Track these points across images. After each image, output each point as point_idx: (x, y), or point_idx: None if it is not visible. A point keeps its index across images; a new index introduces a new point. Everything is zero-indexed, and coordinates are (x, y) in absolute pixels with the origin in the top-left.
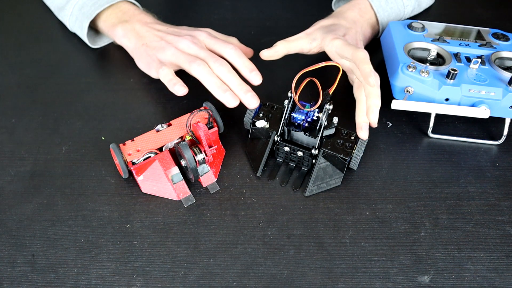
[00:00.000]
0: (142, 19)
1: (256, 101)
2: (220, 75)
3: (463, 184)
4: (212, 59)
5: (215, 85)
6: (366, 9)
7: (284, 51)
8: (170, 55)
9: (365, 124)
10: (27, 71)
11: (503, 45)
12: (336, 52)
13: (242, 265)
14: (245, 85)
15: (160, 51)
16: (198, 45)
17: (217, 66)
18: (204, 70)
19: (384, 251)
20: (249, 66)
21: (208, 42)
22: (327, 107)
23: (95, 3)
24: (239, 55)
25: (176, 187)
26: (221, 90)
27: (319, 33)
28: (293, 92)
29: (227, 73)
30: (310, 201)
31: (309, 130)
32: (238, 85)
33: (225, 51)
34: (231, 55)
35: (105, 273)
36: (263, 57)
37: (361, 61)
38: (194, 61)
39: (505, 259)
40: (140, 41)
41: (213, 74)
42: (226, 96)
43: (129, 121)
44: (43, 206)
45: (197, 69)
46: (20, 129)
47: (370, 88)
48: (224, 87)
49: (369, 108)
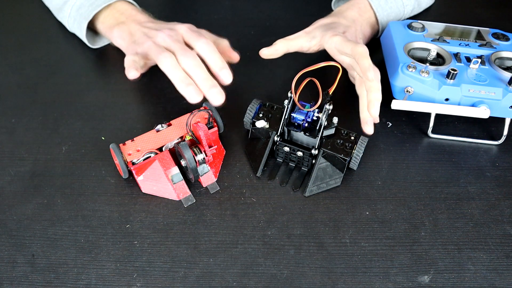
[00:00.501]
0: (138, 19)
1: (221, 98)
2: (186, 68)
3: (463, 184)
4: (180, 52)
5: (179, 78)
6: (366, 9)
7: (283, 49)
8: (146, 47)
9: (370, 118)
10: (27, 71)
11: (503, 45)
12: (336, 48)
13: (242, 265)
14: (211, 80)
15: (140, 45)
16: (173, 38)
17: (183, 58)
18: (169, 62)
19: (384, 251)
20: (220, 63)
21: (185, 36)
22: (327, 107)
23: (92, 4)
24: (211, 50)
25: (176, 187)
26: (183, 84)
27: (319, 31)
28: (293, 92)
29: (194, 66)
30: (310, 201)
31: (309, 130)
32: (203, 80)
33: (197, 44)
34: (202, 49)
35: (105, 273)
36: (263, 56)
37: (360, 56)
38: (161, 52)
39: (505, 259)
40: (131, 39)
41: (178, 66)
42: (189, 91)
43: (129, 121)
44: (43, 206)
45: (163, 61)
46: (20, 129)
47: (369, 82)
48: (187, 81)
49: (369, 102)
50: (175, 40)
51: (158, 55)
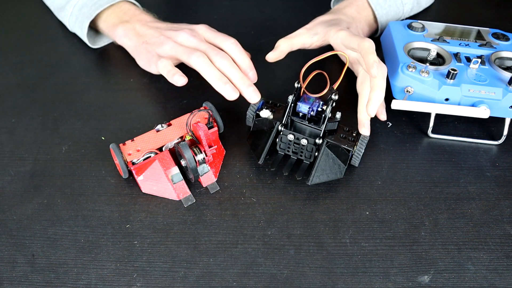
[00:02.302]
0: (143, 19)
1: (257, 96)
2: (222, 68)
3: (463, 184)
4: (214, 52)
5: (215, 76)
6: (364, 7)
7: (287, 49)
8: (169, 48)
9: (367, 121)
10: (27, 71)
11: (503, 45)
12: (342, 43)
13: (242, 265)
14: (247, 79)
15: (159, 45)
16: (197, 38)
17: (218, 58)
18: (204, 61)
19: (384, 251)
20: (249, 64)
21: (208, 36)
22: (333, 97)
23: (95, 3)
24: (240, 51)
25: (176, 187)
26: (221, 82)
27: (321, 27)
28: (301, 81)
29: (229, 66)
30: (310, 201)
31: (313, 122)
32: (240, 79)
33: (226, 44)
34: (232, 49)
35: (105, 273)
36: (269, 60)
37: (366, 52)
38: (193, 52)
39: (505, 259)
40: (140, 39)
41: (212, 65)
42: (227, 89)
43: (129, 121)
44: (43, 206)
45: (197, 60)
46: (20, 129)
47: (374, 80)
48: (224, 79)
49: (370, 99)
50: (201, 40)
51: (191, 54)
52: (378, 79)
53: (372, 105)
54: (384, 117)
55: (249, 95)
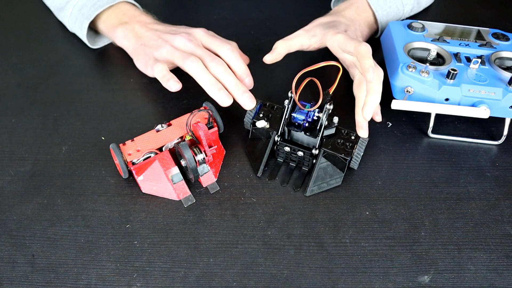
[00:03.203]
0: (142, 20)
1: (252, 102)
2: (216, 74)
3: (463, 184)
4: (209, 58)
5: (209, 82)
6: (364, 8)
7: (285, 50)
8: (166, 52)
9: (365, 123)
10: (27, 71)
11: (503, 45)
12: (339, 46)
13: (242, 265)
14: (242, 86)
15: (156, 49)
16: (194, 43)
17: (213, 65)
18: (198, 66)
19: (384, 251)
20: (245, 70)
21: (205, 40)
22: (328, 107)
23: (95, 4)
24: (236, 56)
25: (176, 187)
26: (215, 88)
27: (319, 29)
28: (293, 92)
29: (224, 72)
30: (310, 201)
31: (309, 130)
32: (235, 85)
33: (222, 50)
34: (228, 55)
35: (105, 273)
36: (266, 61)
37: (362, 56)
38: (188, 57)
39: (505, 259)
40: (139, 41)
41: (207, 71)
42: (220, 95)
43: (129, 121)
44: (43, 206)
45: (191, 65)
46: (20, 129)
47: (370, 84)
48: (218, 85)
49: (365, 103)
50: (197, 45)
51: (186, 59)
52: (374, 83)
53: (367, 109)
54: (379, 118)
55: (243, 102)
